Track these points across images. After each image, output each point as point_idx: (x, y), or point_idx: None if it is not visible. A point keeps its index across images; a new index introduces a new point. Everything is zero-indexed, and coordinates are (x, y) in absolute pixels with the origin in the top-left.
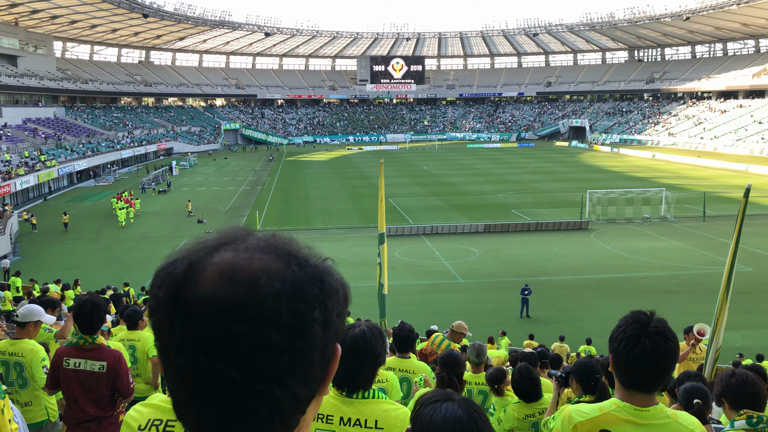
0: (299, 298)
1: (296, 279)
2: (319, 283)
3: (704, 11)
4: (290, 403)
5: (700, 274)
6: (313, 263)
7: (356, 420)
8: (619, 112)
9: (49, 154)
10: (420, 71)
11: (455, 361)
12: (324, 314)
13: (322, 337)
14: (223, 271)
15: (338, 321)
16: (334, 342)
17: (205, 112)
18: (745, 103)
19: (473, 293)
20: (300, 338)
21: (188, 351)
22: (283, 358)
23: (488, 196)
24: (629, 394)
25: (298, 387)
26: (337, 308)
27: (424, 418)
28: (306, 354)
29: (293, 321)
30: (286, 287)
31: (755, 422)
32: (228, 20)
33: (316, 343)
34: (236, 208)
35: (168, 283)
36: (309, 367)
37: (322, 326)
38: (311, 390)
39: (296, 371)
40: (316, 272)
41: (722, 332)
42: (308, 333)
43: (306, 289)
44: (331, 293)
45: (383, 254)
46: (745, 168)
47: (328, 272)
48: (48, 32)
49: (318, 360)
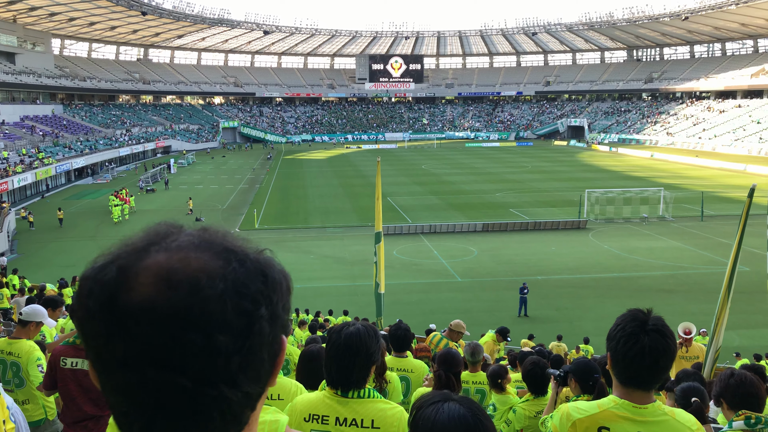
0: (244, 296)
1: (238, 276)
2: (262, 278)
3: (703, 11)
4: (242, 403)
5: (698, 274)
6: (253, 257)
7: (352, 420)
8: (618, 111)
9: (47, 152)
10: (419, 70)
11: (453, 359)
12: (270, 309)
13: (269, 333)
14: (159, 274)
15: (284, 313)
16: (280, 335)
17: (203, 110)
18: (744, 103)
19: (471, 292)
20: (248, 338)
21: (132, 364)
22: (234, 360)
23: (486, 195)
24: (627, 391)
25: (250, 386)
26: (282, 301)
27: (426, 419)
28: (255, 352)
29: (240, 321)
30: (229, 286)
31: (753, 423)
32: (227, 18)
33: (264, 340)
34: (234, 206)
35: (98, 291)
36: (259, 364)
37: (269, 322)
38: (262, 386)
39: (247, 371)
40: (257, 266)
41: (723, 332)
42: (256, 331)
43: (250, 286)
44: (275, 286)
45: (379, 253)
46: (743, 168)
47: (270, 265)
48: (46, 29)
49: (267, 356)
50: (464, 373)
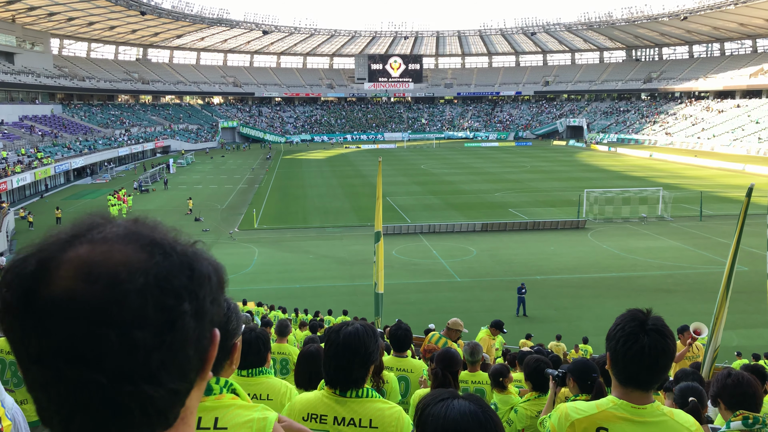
0: (166, 291)
1: (161, 270)
2: (188, 272)
3: (702, 11)
4: (166, 399)
5: (697, 274)
6: (180, 250)
7: (350, 419)
8: (617, 111)
9: (46, 152)
10: (418, 70)
11: (452, 358)
12: (195, 304)
13: (195, 329)
14: (79, 267)
15: (213, 308)
16: (210, 329)
17: (202, 110)
18: (743, 102)
19: (470, 292)
20: (170, 334)
21: (46, 359)
22: (154, 357)
23: (486, 195)
24: (626, 391)
25: (174, 382)
26: (210, 295)
27: (436, 416)
28: (178, 348)
29: (161, 317)
30: (150, 281)
31: (751, 423)
32: (226, 18)
33: (189, 336)
34: (233, 206)
35: (16, 284)
36: (183, 360)
37: (194, 317)
38: (189, 382)
39: (169, 367)
40: (184, 260)
41: (721, 332)
42: (179, 327)
43: (173, 281)
44: (202, 281)
45: (378, 252)
46: (742, 168)
47: (198, 258)
48: (45, 29)
49: (193, 352)
50: (463, 373)
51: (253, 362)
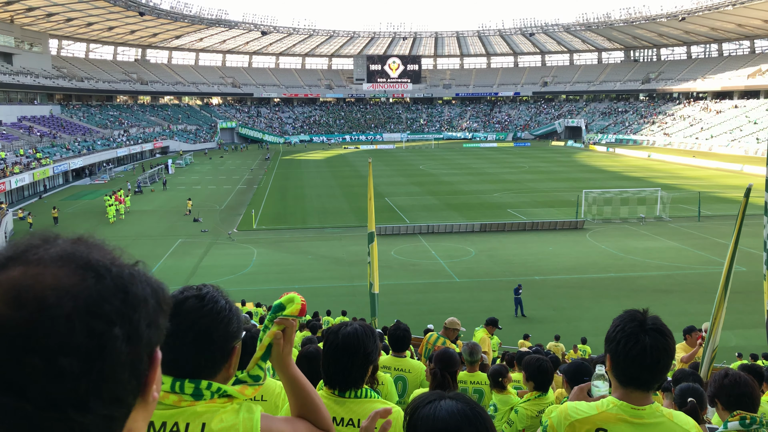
0: (96, 316)
1: (92, 294)
2: (122, 295)
3: (700, 12)
4: (100, 425)
5: (695, 274)
6: (116, 272)
7: (349, 420)
8: (615, 112)
9: (45, 153)
10: (416, 71)
11: (450, 358)
12: (128, 328)
13: (128, 353)
14: (7, 291)
15: (150, 331)
16: (148, 352)
17: (201, 110)
18: (740, 103)
19: (469, 292)
20: (99, 360)
21: None
22: (82, 383)
23: (484, 195)
24: (627, 392)
25: (106, 408)
26: (147, 318)
27: (426, 418)
28: (109, 374)
29: (90, 342)
30: (80, 305)
31: (748, 423)
32: (224, 19)
33: (121, 361)
34: (232, 207)
35: None
36: (115, 385)
37: (126, 341)
38: (125, 406)
39: (99, 393)
40: (119, 282)
41: (719, 332)
42: (109, 352)
43: (103, 305)
44: (137, 304)
45: (373, 253)
46: (740, 168)
47: (134, 280)
48: (43, 30)
49: (127, 376)
50: (462, 373)
51: (246, 363)
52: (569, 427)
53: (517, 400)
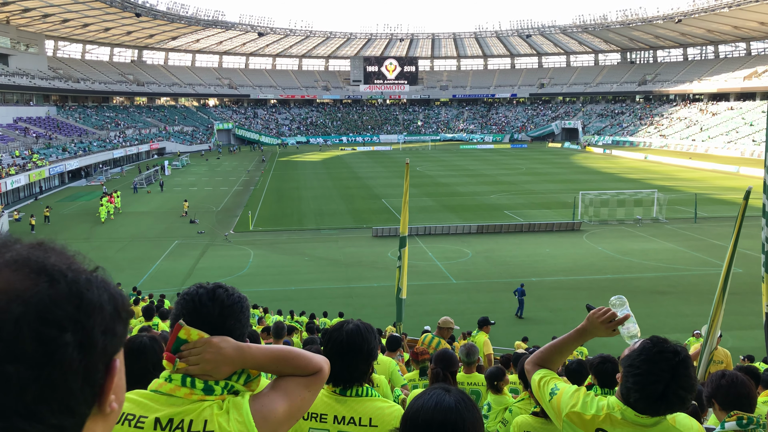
0: (46, 322)
1: (43, 299)
2: (76, 300)
3: (696, 14)
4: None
5: (692, 275)
6: (72, 277)
7: (350, 418)
8: (612, 113)
9: (41, 154)
10: (413, 72)
11: (450, 359)
12: (80, 335)
13: (80, 361)
14: None
15: (105, 338)
16: (104, 360)
17: (197, 111)
18: (736, 105)
19: (466, 294)
20: (48, 366)
21: None
22: (29, 391)
23: (481, 197)
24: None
25: (56, 417)
26: (102, 325)
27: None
28: (59, 382)
29: (39, 349)
30: (30, 310)
31: (745, 423)
32: (221, 20)
33: (72, 368)
34: (229, 208)
35: None
36: (66, 394)
37: (78, 349)
38: (77, 416)
39: (49, 402)
40: (74, 288)
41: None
42: (58, 359)
43: (55, 310)
44: (92, 310)
45: (404, 257)
46: (736, 170)
47: (90, 286)
48: (40, 31)
49: (79, 385)
50: (459, 374)
51: None
52: (569, 415)
53: (511, 400)
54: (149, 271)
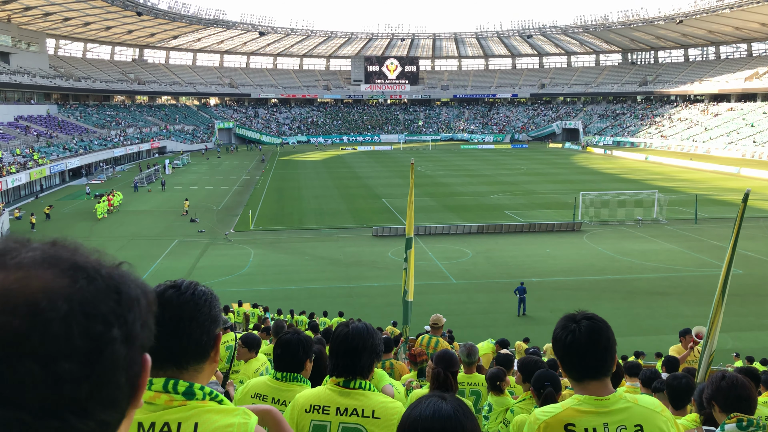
0: (92, 318)
1: (86, 295)
2: (116, 296)
3: (697, 15)
4: (97, 430)
5: (692, 276)
6: (105, 273)
7: (353, 409)
8: (613, 114)
9: (41, 152)
10: (414, 72)
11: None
12: (125, 330)
13: (126, 356)
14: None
15: (143, 332)
16: (140, 354)
17: (198, 111)
18: (737, 106)
19: (466, 294)
20: (99, 363)
21: None
22: (82, 388)
23: (481, 197)
24: (583, 386)
25: (104, 413)
26: (140, 319)
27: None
28: (109, 377)
29: (89, 345)
30: (75, 307)
31: (745, 425)
32: (222, 19)
33: (119, 364)
34: (229, 207)
35: None
36: (114, 389)
37: (124, 343)
38: (120, 411)
39: (99, 398)
40: (111, 283)
41: (717, 336)
42: (108, 354)
43: (99, 306)
44: (131, 304)
45: (410, 259)
46: (737, 171)
47: (125, 280)
48: (41, 29)
49: (124, 380)
50: (459, 375)
51: (288, 365)
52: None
53: (512, 401)
54: (149, 270)
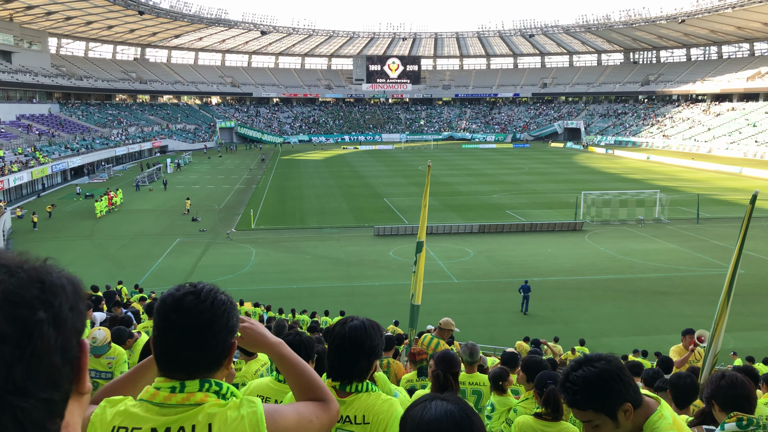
0: (17, 304)
1: (9, 286)
2: (39, 284)
3: (699, 14)
4: (41, 410)
5: (694, 276)
6: (28, 267)
7: (346, 417)
8: (614, 113)
9: (43, 151)
10: (416, 71)
11: (451, 360)
12: (51, 312)
13: (56, 336)
14: None
15: (73, 315)
16: (76, 337)
17: (200, 110)
18: (740, 106)
19: (467, 293)
20: (29, 344)
21: None
22: (17, 369)
23: (483, 196)
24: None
25: (44, 391)
26: (67, 303)
27: (414, 417)
28: (42, 357)
29: (17, 328)
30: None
31: (745, 424)
32: (224, 18)
33: (50, 344)
34: (231, 206)
35: None
36: (51, 369)
37: (52, 325)
38: (62, 391)
39: (36, 377)
40: (33, 274)
41: (722, 337)
42: (37, 336)
43: (23, 294)
44: (56, 290)
45: (420, 263)
46: (738, 171)
47: (48, 271)
48: (43, 28)
49: (60, 359)
50: (461, 374)
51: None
52: None
53: (515, 401)
54: (151, 268)
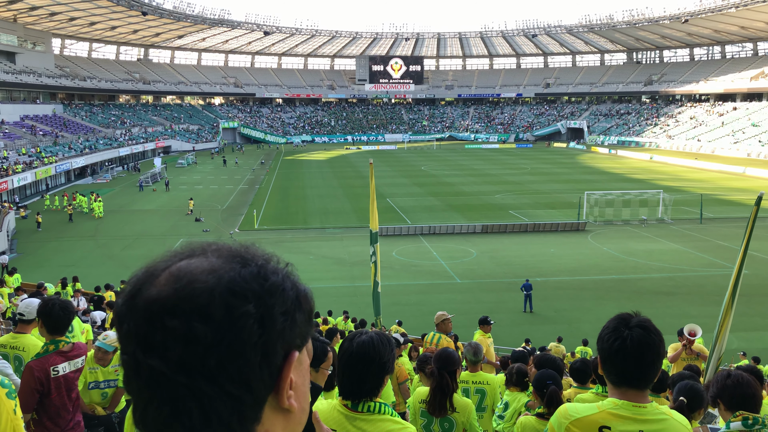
0: (234, 293)
1: (235, 275)
2: (262, 281)
3: (703, 14)
4: (227, 405)
5: (697, 276)
6: (261, 263)
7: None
8: (617, 113)
9: (47, 151)
10: (419, 71)
11: (448, 358)
12: (262, 310)
13: (259, 334)
14: (173, 273)
15: (285, 321)
16: (283, 345)
17: (203, 110)
18: (743, 105)
19: (470, 293)
20: (230, 332)
21: (129, 350)
22: (212, 353)
23: (486, 196)
24: (622, 392)
25: (233, 386)
26: (282, 306)
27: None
28: (238, 350)
29: (224, 315)
30: (222, 282)
31: (751, 423)
32: (227, 19)
33: (251, 340)
34: (234, 206)
35: (125, 291)
36: (244, 365)
37: (258, 322)
38: (253, 394)
39: (228, 368)
40: (262, 271)
41: (726, 337)
42: (239, 327)
43: (243, 285)
44: (274, 290)
45: (377, 253)
46: (742, 171)
47: (277, 272)
48: (46, 29)
49: (258, 359)
50: (464, 373)
51: None
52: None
53: (526, 398)
54: None
